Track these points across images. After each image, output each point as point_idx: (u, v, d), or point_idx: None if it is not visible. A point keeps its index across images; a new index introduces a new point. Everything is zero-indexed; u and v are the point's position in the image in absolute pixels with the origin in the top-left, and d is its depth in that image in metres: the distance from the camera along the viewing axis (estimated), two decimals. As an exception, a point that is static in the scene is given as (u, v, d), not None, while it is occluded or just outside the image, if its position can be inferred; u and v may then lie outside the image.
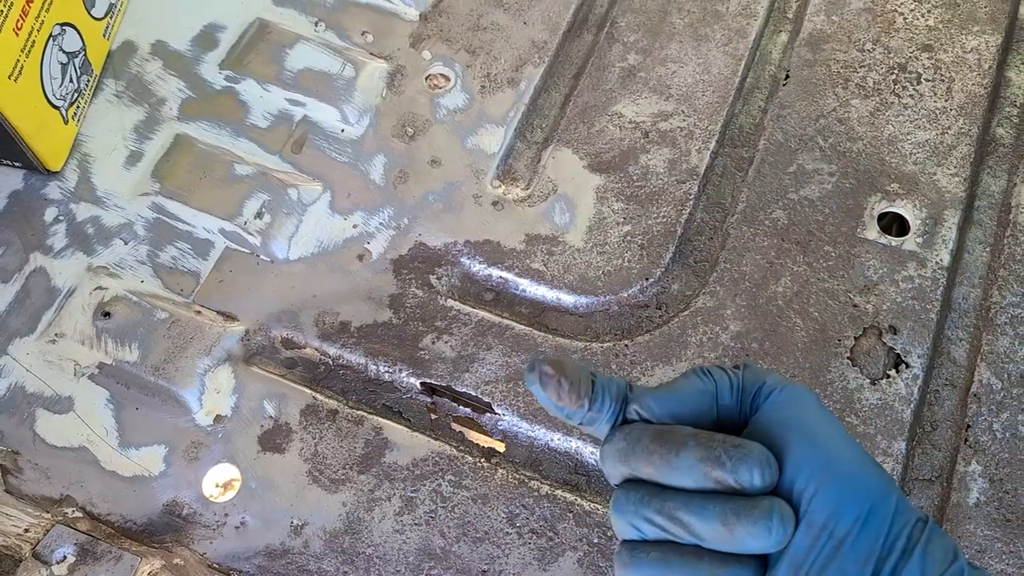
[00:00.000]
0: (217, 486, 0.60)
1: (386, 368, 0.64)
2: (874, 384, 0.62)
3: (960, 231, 0.67)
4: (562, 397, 0.38)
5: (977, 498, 0.59)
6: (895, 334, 0.63)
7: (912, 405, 0.61)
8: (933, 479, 0.60)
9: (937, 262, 0.66)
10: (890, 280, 0.65)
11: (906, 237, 0.67)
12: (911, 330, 0.63)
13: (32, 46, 0.64)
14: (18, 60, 0.63)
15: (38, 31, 0.65)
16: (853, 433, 0.60)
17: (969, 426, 0.61)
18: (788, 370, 0.63)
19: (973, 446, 0.60)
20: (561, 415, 0.38)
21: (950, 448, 0.61)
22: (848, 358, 0.63)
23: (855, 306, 0.65)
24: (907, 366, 0.62)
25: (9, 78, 0.62)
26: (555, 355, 0.41)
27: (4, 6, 0.61)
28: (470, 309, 0.66)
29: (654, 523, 0.36)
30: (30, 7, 0.63)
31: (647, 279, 0.67)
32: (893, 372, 0.62)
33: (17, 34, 0.62)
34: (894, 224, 0.69)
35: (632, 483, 0.37)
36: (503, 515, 0.59)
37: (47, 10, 0.65)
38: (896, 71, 0.74)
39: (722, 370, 0.39)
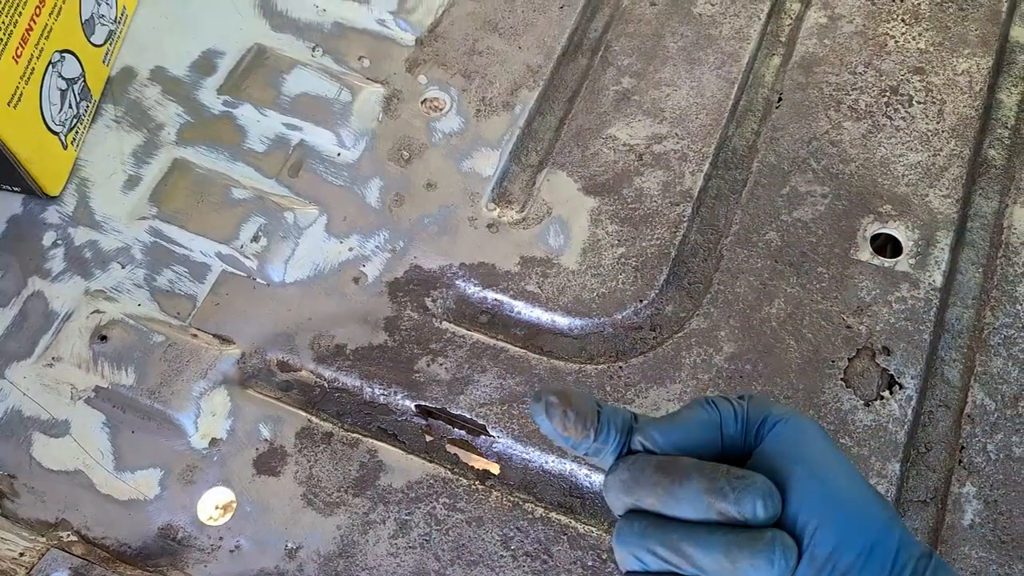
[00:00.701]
0: (217, 508, 0.60)
1: (381, 391, 0.64)
2: (868, 405, 0.62)
3: (953, 252, 0.67)
4: (568, 428, 0.38)
5: (972, 519, 0.59)
6: (889, 355, 0.64)
7: (906, 426, 0.61)
8: (927, 500, 0.60)
9: (930, 283, 0.66)
10: (883, 301, 0.66)
11: (899, 258, 0.67)
12: (904, 351, 0.64)
13: (31, 73, 0.65)
14: (17, 87, 0.64)
15: (37, 58, 0.65)
16: (848, 455, 0.60)
17: (963, 447, 0.61)
18: (782, 391, 0.63)
19: (967, 467, 0.60)
20: (566, 445, 0.39)
21: (944, 469, 0.61)
22: (842, 379, 0.63)
23: (848, 327, 0.65)
24: (901, 387, 0.62)
25: (8, 104, 0.63)
26: (561, 385, 0.42)
27: (3, 34, 0.62)
28: (465, 331, 0.66)
29: (657, 554, 0.36)
30: (30, 35, 0.64)
31: (641, 301, 0.67)
32: (887, 393, 0.62)
33: (16, 61, 0.63)
34: (888, 245, 0.69)
35: (635, 513, 0.38)
36: (497, 538, 0.59)
37: (46, 38, 0.66)
38: (888, 93, 0.74)
39: (727, 401, 0.40)
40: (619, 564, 0.38)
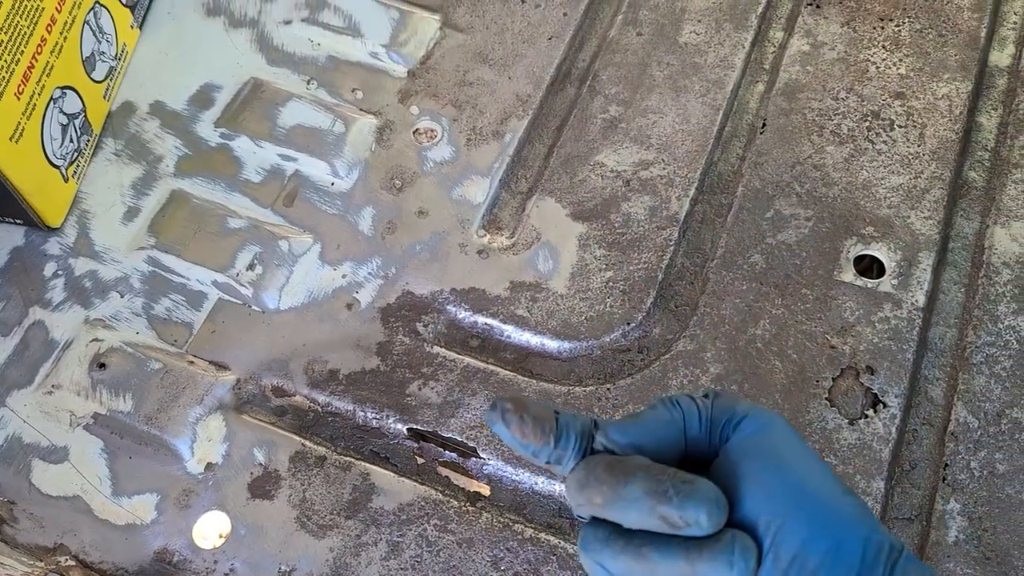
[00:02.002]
0: (221, 536, 0.61)
1: (374, 415, 0.66)
2: (852, 424, 0.63)
3: (935, 272, 0.69)
4: (526, 434, 0.37)
5: (956, 536, 0.59)
6: (872, 374, 0.65)
7: (890, 444, 0.62)
8: (912, 518, 0.61)
9: (913, 303, 0.67)
10: (867, 321, 0.67)
11: (882, 279, 0.68)
12: (888, 370, 0.65)
13: (33, 109, 0.67)
14: (19, 123, 0.66)
15: (39, 95, 0.68)
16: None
17: (947, 465, 0.62)
18: (767, 411, 0.64)
19: (951, 484, 0.61)
20: (527, 453, 0.38)
21: (929, 487, 0.61)
22: (826, 399, 0.64)
23: (832, 347, 0.66)
24: (885, 406, 0.63)
25: (11, 140, 0.65)
26: (516, 394, 0.41)
27: (6, 72, 0.64)
28: (456, 356, 0.67)
29: (618, 560, 0.36)
30: (32, 72, 0.66)
31: (629, 324, 0.68)
32: (871, 412, 0.63)
33: (18, 98, 0.65)
34: (874, 266, 0.70)
35: (599, 521, 0.37)
36: (488, 559, 0.60)
37: (48, 75, 0.68)
38: (870, 118, 0.76)
39: (691, 399, 0.39)
40: (587, 572, 0.37)
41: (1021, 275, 0.68)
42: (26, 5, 0.65)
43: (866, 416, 0.63)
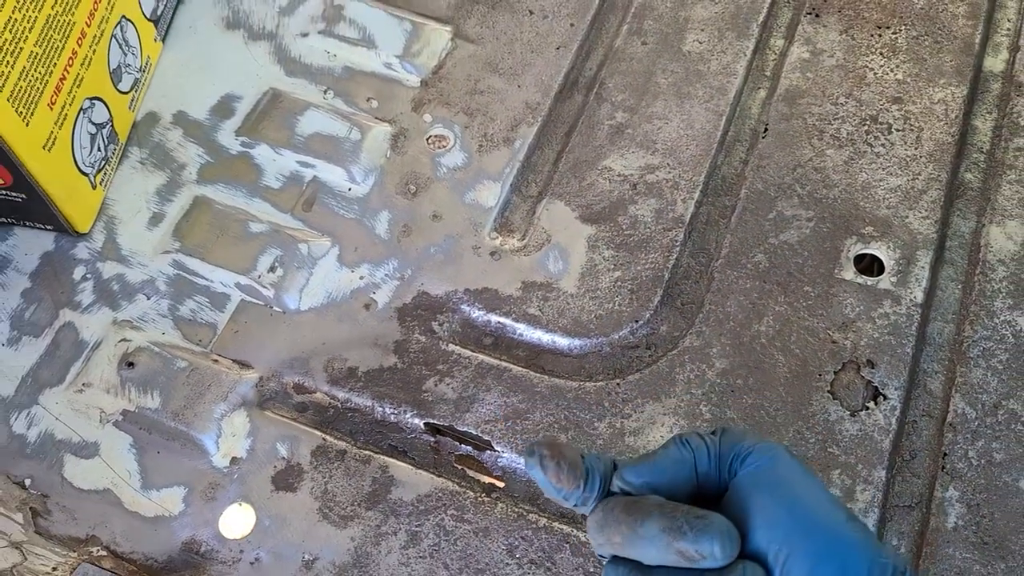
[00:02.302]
0: (246, 527, 0.63)
1: (392, 410, 0.68)
2: (854, 416, 0.65)
3: (933, 270, 0.71)
4: (561, 479, 0.40)
5: (955, 523, 0.61)
6: (873, 368, 0.67)
7: (891, 435, 0.64)
8: (913, 506, 0.63)
9: (911, 299, 0.69)
10: (867, 317, 0.69)
11: (881, 277, 0.71)
12: (888, 364, 0.67)
13: (64, 119, 0.70)
14: (52, 132, 0.69)
15: (70, 105, 0.70)
16: (835, 463, 0.64)
17: (946, 454, 0.64)
18: (772, 404, 0.66)
19: (950, 473, 0.63)
20: (557, 496, 0.40)
21: (928, 475, 0.64)
22: (829, 391, 0.66)
23: (834, 342, 0.68)
24: (885, 398, 0.66)
25: (44, 148, 0.68)
26: (549, 437, 0.43)
27: (40, 83, 0.67)
28: (470, 353, 0.70)
29: None
30: (63, 84, 0.69)
31: (637, 321, 0.70)
32: (872, 404, 0.66)
33: (51, 108, 0.68)
34: (874, 264, 0.73)
35: (620, 559, 0.39)
36: (503, 547, 0.62)
37: (78, 86, 0.71)
38: (868, 122, 0.78)
39: (700, 437, 0.41)
40: None
41: (1016, 272, 0.71)
42: (59, 20, 0.68)
43: (867, 408, 0.65)
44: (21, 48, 0.64)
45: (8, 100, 0.63)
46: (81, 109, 0.72)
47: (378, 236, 0.75)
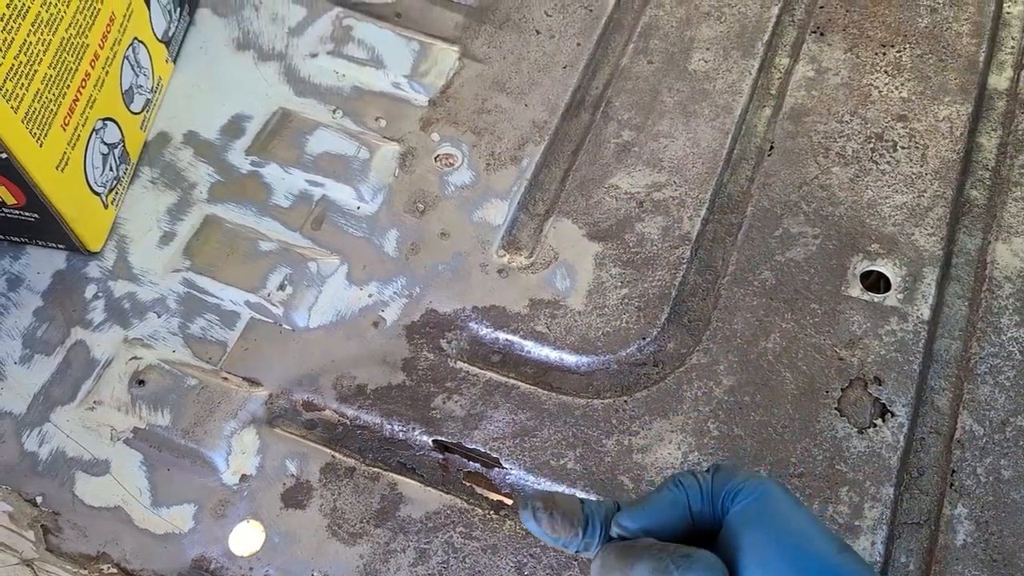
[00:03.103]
0: (256, 544, 0.64)
1: (400, 427, 0.68)
2: (862, 433, 0.65)
3: (939, 287, 0.71)
4: (556, 528, 0.41)
5: (964, 540, 0.61)
6: (880, 385, 0.67)
7: (899, 452, 0.64)
8: (921, 523, 0.63)
9: (918, 316, 0.70)
10: (874, 334, 0.69)
11: (888, 294, 0.71)
12: (895, 381, 0.67)
13: (77, 140, 0.71)
14: (65, 152, 0.69)
15: (83, 126, 0.71)
16: (843, 480, 0.64)
17: (954, 471, 0.64)
18: (779, 421, 0.66)
19: (958, 490, 0.63)
20: (558, 545, 0.42)
21: (936, 492, 0.64)
22: (836, 408, 0.66)
23: (841, 359, 0.68)
24: (892, 415, 0.66)
25: (56, 168, 0.69)
26: (544, 491, 0.45)
27: (54, 104, 0.67)
28: (478, 370, 0.70)
29: None
30: (76, 105, 0.70)
31: (644, 339, 0.71)
32: (879, 421, 0.66)
33: (64, 129, 0.69)
34: (880, 281, 0.73)
35: None
36: (512, 564, 0.62)
37: (91, 107, 0.72)
38: (873, 140, 0.79)
39: (693, 476, 0.42)
40: None
41: (1022, 288, 0.71)
42: (73, 42, 0.69)
43: (875, 425, 0.65)
44: (35, 70, 0.65)
45: (22, 121, 0.64)
46: (94, 130, 0.73)
47: (386, 254, 0.76)
